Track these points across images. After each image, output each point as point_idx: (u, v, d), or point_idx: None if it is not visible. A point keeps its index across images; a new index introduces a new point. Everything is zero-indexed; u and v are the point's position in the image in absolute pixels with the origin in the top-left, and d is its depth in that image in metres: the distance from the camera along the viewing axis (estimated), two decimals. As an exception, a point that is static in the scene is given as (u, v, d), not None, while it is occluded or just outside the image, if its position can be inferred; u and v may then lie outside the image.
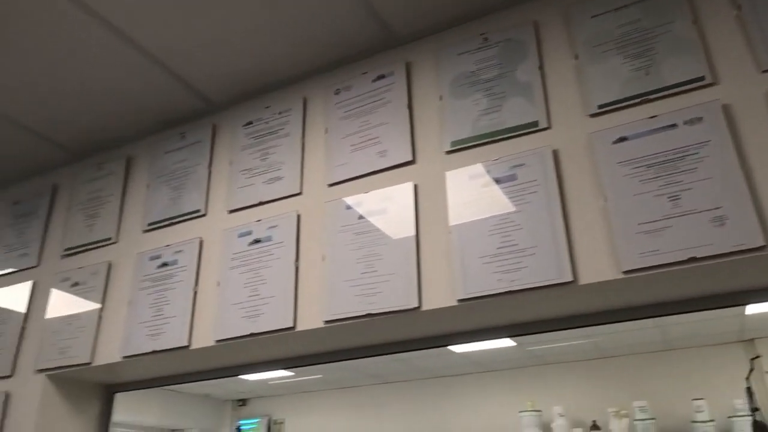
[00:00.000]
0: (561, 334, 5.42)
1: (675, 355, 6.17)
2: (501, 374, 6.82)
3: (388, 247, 1.76)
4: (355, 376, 7.21)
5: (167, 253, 2.20)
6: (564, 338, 5.64)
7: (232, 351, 2.02)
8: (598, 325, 1.75)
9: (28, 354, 2.40)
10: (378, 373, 7.15)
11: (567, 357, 6.48)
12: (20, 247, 2.67)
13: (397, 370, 6.96)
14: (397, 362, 6.63)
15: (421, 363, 6.73)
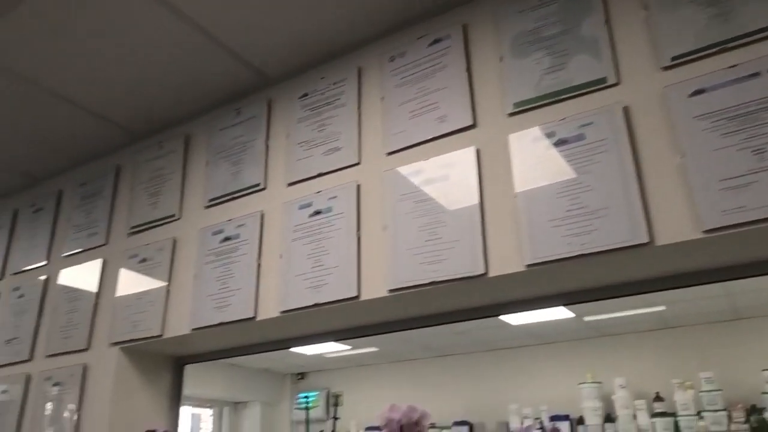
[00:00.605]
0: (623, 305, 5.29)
1: (743, 325, 5.93)
2: (559, 346, 6.72)
3: (452, 213, 1.72)
4: (411, 349, 7.25)
5: (229, 228, 2.23)
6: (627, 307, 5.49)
7: (296, 322, 2.04)
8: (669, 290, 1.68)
9: (102, 328, 2.49)
10: (434, 346, 7.17)
11: (627, 328, 6.33)
12: (89, 226, 2.76)
13: (454, 343, 6.96)
14: (454, 335, 6.63)
15: (478, 335, 6.70)
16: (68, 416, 2.43)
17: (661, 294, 5.08)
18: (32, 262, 2.94)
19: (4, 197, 3.29)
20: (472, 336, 6.73)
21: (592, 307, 5.52)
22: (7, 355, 2.80)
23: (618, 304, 5.33)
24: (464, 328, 6.42)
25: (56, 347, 2.62)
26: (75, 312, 2.62)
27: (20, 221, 3.13)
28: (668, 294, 5.08)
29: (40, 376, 2.61)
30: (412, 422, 1.73)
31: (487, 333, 6.61)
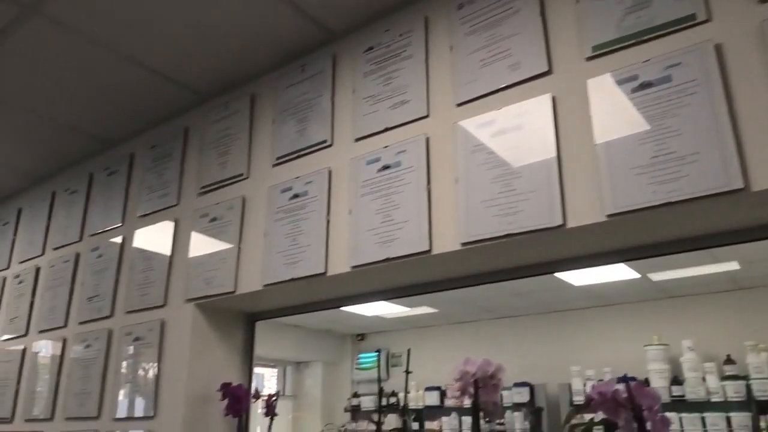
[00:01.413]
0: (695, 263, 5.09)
1: (824, 285, 5.64)
2: (623, 308, 6.58)
3: (526, 164, 1.67)
4: (470, 311, 7.25)
5: (298, 185, 2.24)
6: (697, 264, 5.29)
7: (367, 277, 2.05)
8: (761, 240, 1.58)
9: (177, 285, 2.57)
10: (494, 308, 7.14)
11: (697, 290, 6.12)
12: (161, 188, 2.83)
13: (514, 305, 6.91)
14: (514, 297, 6.58)
15: (539, 297, 6.62)
16: (149, 369, 2.55)
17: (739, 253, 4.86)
18: (108, 223, 3.05)
19: (80, 162, 3.42)
20: (533, 298, 6.65)
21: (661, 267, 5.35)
22: (90, 312, 2.94)
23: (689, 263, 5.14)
24: (525, 290, 6.36)
25: (134, 304, 2.73)
26: (151, 270, 2.72)
27: (95, 185, 3.25)
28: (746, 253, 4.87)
29: (120, 331, 2.74)
30: (488, 375, 1.72)
31: (548, 295, 6.52)
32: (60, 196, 3.47)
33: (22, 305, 3.41)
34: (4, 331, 3.47)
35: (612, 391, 1.45)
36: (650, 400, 1.41)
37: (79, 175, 3.37)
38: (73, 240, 3.23)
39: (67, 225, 3.31)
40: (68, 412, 2.84)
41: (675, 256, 3.18)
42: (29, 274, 3.44)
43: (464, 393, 1.74)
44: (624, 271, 5.54)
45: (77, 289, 3.09)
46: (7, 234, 3.79)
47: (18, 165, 3.52)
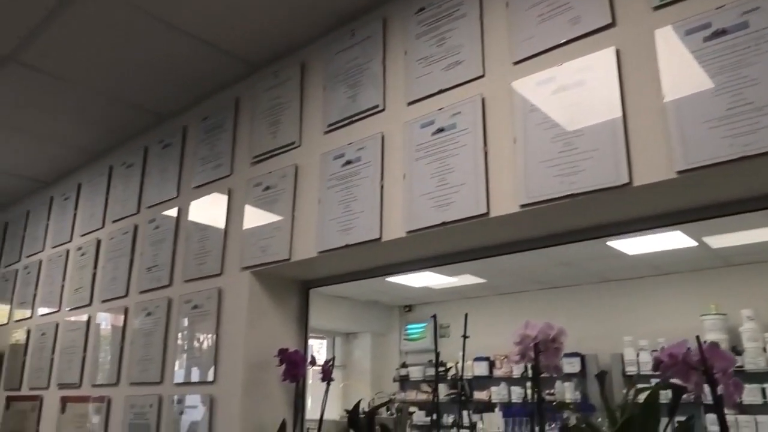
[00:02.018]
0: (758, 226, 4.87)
1: None
2: (679, 277, 6.41)
3: (589, 121, 1.61)
4: (519, 281, 7.18)
5: (350, 151, 2.23)
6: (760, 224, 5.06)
7: (422, 242, 2.04)
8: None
9: (233, 254, 2.62)
10: (543, 279, 7.05)
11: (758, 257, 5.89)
12: (214, 159, 2.87)
13: (565, 275, 6.80)
14: (564, 267, 6.47)
15: (590, 267, 6.50)
16: (207, 335, 2.61)
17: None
18: (164, 195, 3.12)
19: (135, 136, 3.49)
20: (584, 267, 6.54)
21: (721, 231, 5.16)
22: (149, 282, 3.03)
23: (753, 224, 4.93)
24: (576, 259, 6.25)
25: (192, 273, 2.79)
26: (207, 240, 2.77)
27: (150, 158, 3.32)
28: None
29: (180, 299, 2.81)
30: (549, 339, 1.69)
31: (600, 264, 6.39)
32: (117, 170, 3.56)
33: (85, 276, 3.54)
34: (70, 302, 3.61)
35: (683, 353, 1.41)
36: (724, 363, 1.36)
37: (134, 149, 3.44)
38: (131, 212, 3.32)
39: (125, 198, 3.40)
40: (132, 378, 2.95)
41: (737, 220, 3.05)
42: (91, 246, 3.56)
43: (524, 357, 1.71)
44: (680, 239, 5.37)
45: (137, 259, 3.18)
46: (69, 208, 3.93)
47: (77, 141, 3.63)
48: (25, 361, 3.87)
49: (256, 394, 2.42)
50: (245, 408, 2.38)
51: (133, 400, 2.89)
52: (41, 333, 3.79)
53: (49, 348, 3.66)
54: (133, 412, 2.87)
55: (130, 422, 2.87)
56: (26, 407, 3.71)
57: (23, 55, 2.70)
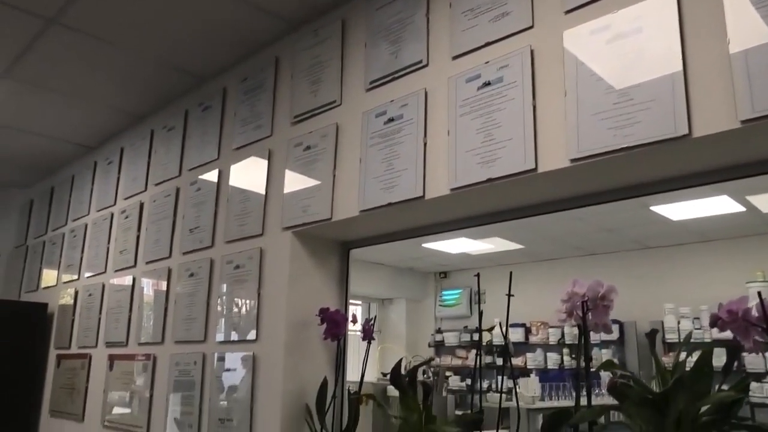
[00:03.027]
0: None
1: None
2: (724, 244, 6.25)
3: (647, 70, 1.54)
4: (558, 248, 7.09)
5: (392, 109, 2.19)
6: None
7: (466, 200, 2.00)
8: None
9: (274, 214, 2.63)
10: (583, 245, 6.95)
11: (810, 222, 5.69)
12: (254, 120, 2.86)
13: (605, 241, 6.69)
14: (605, 233, 6.36)
15: (632, 233, 6.37)
16: (250, 295, 2.64)
17: None
18: (205, 157, 3.14)
19: (175, 99, 3.51)
20: (625, 234, 6.41)
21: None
22: (192, 243, 3.07)
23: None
24: (617, 226, 6.13)
25: (234, 234, 2.81)
26: (248, 201, 2.78)
27: (191, 120, 3.34)
28: None
29: (222, 260, 2.84)
30: (598, 296, 1.65)
31: (641, 230, 6.26)
32: (158, 134, 3.60)
33: (129, 239, 3.61)
34: (115, 264, 3.70)
35: (744, 309, 1.36)
36: (789, 319, 1.30)
37: (175, 112, 3.46)
38: (173, 175, 3.35)
39: (167, 161, 3.44)
40: (176, 336, 3.02)
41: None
42: (134, 209, 3.63)
43: (570, 315, 1.68)
44: (727, 204, 5.21)
45: (179, 221, 3.23)
46: (112, 172, 3.99)
47: (119, 104, 3.67)
48: (74, 320, 4.00)
49: (297, 352, 2.45)
50: (287, 366, 2.41)
51: (177, 358, 2.96)
52: (88, 294, 3.90)
53: (96, 308, 3.77)
54: (177, 370, 2.95)
55: (175, 379, 2.94)
56: (76, 365, 3.85)
57: (66, 16, 2.71)
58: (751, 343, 1.39)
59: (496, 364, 7.57)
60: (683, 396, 1.36)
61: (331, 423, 2.35)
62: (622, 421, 1.49)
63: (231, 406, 2.58)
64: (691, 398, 1.36)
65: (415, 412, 2.07)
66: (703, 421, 1.36)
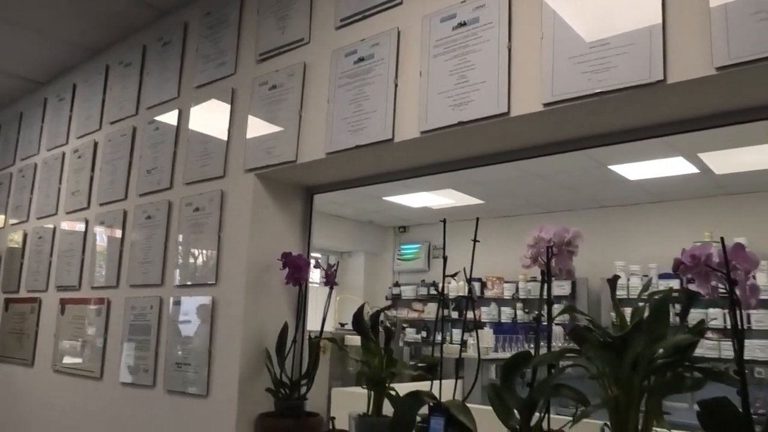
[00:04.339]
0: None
1: None
2: (677, 204, 6.43)
3: (624, 16, 1.52)
4: (518, 204, 7.18)
5: (363, 48, 2.12)
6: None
7: (437, 144, 1.97)
8: None
9: (236, 156, 2.55)
10: (542, 202, 7.06)
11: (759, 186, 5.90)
12: (217, 57, 2.75)
13: (563, 199, 6.81)
14: (564, 191, 6.46)
15: (590, 192, 6.49)
16: (210, 238, 2.58)
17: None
18: (164, 96, 3.01)
19: (133, 33, 3.33)
20: (584, 192, 6.53)
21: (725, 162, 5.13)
22: (149, 185, 2.97)
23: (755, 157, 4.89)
24: (577, 184, 6.23)
25: (194, 175, 2.73)
26: (209, 141, 2.69)
27: (149, 56, 3.18)
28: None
29: (181, 202, 2.76)
30: (564, 242, 1.66)
31: (600, 189, 6.38)
32: (114, 70, 3.42)
33: (82, 179, 3.47)
34: (67, 205, 3.56)
35: (707, 254, 1.38)
36: (749, 264, 1.34)
37: (132, 47, 3.29)
38: (130, 114, 3.21)
39: (123, 99, 3.29)
40: (132, 280, 2.94)
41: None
42: (87, 148, 3.48)
43: (535, 261, 1.69)
44: (683, 166, 5.35)
45: (135, 162, 3.11)
46: (64, 110, 3.80)
47: (71, 37, 3.46)
48: (23, 264, 3.86)
49: (258, 296, 2.42)
50: (247, 310, 2.39)
51: (133, 302, 2.90)
52: (38, 236, 3.76)
53: (47, 252, 3.64)
54: (133, 314, 2.89)
55: (131, 323, 2.89)
56: (25, 309, 3.73)
57: (12, -66, 2.52)
58: (709, 289, 1.43)
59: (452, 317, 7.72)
60: (641, 339, 1.38)
61: (290, 367, 2.34)
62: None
63: (189, 351, 2.55)
64: (649, 341, 1.39)
65: (376, 356, 2.09)
66: (659, 363, 1.39)
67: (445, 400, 1.74)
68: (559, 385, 1.53)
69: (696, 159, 5.11)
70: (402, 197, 7.20)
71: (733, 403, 1.24)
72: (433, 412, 1.73)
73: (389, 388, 2.02)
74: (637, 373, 1.35)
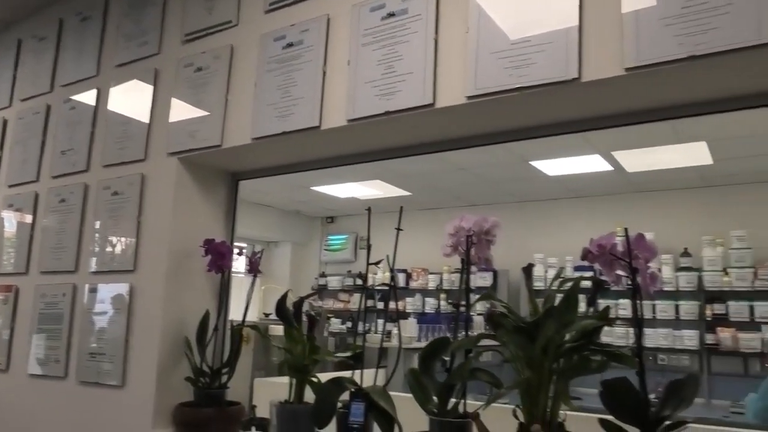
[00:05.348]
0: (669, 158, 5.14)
1: (786, 187, 5.83)
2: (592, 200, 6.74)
3: (544, 15, 1.59)
4: (443, 197, 7.33)
5: (292, 33, 2.11)
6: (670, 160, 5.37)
7: (364, 133, 1.99)
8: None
9: (158, 139, 2.47)
10: (465, 196, 7.23)
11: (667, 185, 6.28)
12: (140, 35, 2.65)
13: (486, 193, 7.01)
14: (486, 185, 6.65)
15: (511, 187, 6.71)
16: (128, 223, 2.50)
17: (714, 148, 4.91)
18: (82, 73, 2.87)
19: (48, 6, 3.15)
20: (505, 187, 6.75)
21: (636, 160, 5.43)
22: (64, 166, 2.83)
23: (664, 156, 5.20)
24: (498, 179, 6.43)
25: (112, 158, 2.63)
26: (129, 123, 2.60)
27: (66, 32, 3.02)
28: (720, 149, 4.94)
29: (98, 185, 2.65)
30: (483, 231, 1.72)
31: (521, 184, 6.61)
32: (27, 44, 3.23)
33: (-12, 159, 3.26)
34: (-29, 185, 3.34)
35: (611, 244, 1.48)
36: (648, 253, 1.44)
37: (47, 21, 3.12)
38: (44, 91, 3.04)
39: (37, 75, 3.11)
40: (44, 266, 2.81)
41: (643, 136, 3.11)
42: (-5, 126, 3.27)
43: (456, 250, 1.75)
44: (598, 163, 5.62)
45: (49, 142, 2.95)
46: (-31, 84, 3.55)
47: (-24, 6, 3.24)
48: None
49: (178, 284, 2.37)
50: (167, 298, 2.33)
51: (44, 290, 2.76)
52: (-63, 218, 3.51)
53: (-54, 234, 3.40)
54: (43, 302, 2.75)
55: (41, 312, 2.75)
56: None
57: None
58: (614, 277, 1.53)
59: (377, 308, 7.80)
60: (552, 324, 1.46)
61: (212, 356, 2.31)
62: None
63: (104, 340, 2.46)
64: (559, 326, 1.46)
65: (299, 343, 2.09)
66: (567, 347, 1.47)
67: (366, 386, 1.77)
68: (475, 370, 1.59)
69: (610, 157, 5.38)
70: (330, 187, 7.19)
71: (632, 383, 1.33)
72: (354, 397, 1.76)
73: (312, 376, 2.03)
74: (547, 356, 1.42)
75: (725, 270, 5.94)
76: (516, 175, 6.17)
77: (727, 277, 5.92)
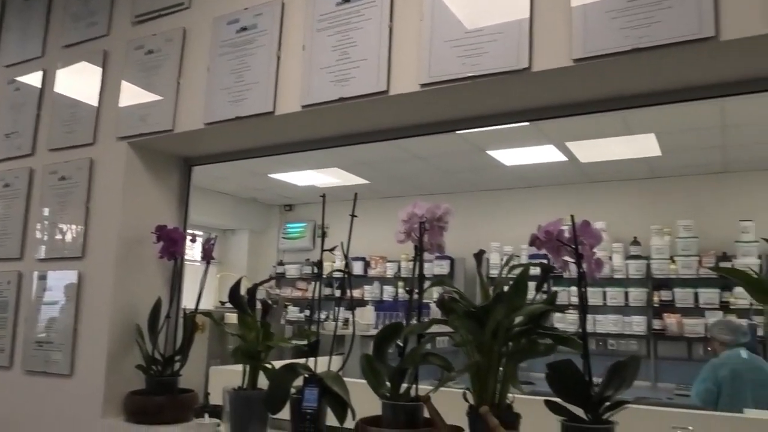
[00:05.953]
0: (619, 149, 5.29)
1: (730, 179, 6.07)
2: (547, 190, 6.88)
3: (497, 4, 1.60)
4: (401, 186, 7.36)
5: (246, 17, 2.08)
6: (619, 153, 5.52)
7: (318, 119, 1.98)
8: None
9: (107, 122, 2.41)
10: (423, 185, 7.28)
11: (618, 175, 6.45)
12: (88, 16, 2.56)
13: (443, 183, 7.07)
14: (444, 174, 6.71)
15: (469, 176, 6.79)
16: (76, 209, 2.43)
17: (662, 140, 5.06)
18: (27, 54, 2.76)
19: (-12, -18, 3.03)
20: (463, 177, 6.82)
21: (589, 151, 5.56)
22: (7, 150, 2.73)
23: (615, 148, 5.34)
24: (456, 168, 6.49)
25: (59, 141, 2.55)
26: (77, 106, 2.52)
27: (9, 10, 2.90)
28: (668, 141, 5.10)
29: (44, 170, 2.57)
30: (435, 217, 1.74)
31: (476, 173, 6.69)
32: (-35, 21, 3.09)
33: (-74, 141, 3.12)
34: None
35: (558, 230, 1.52)
36: (593, 239, 1.48)
37: (-12, -2, 2.99)
38: (-16, 71, 2.93)
39: (-24, 54, 2.98)
40: (-14, 255, 2.71)
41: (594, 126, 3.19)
42: (-67, 107, 3.12)
43: (409, 236, 1.76)
44: (553, 153, 5.73)
45: (-9, 124, 2.84)
46: None
47: None
48: None
49: (129, 271, 2.33)
50: (117, 285, 2.29)
51: (-13, 278, 2.67)
52: None
53: None
54: (-13, 291, 2.66)
55: (-16, 300, 2.66)
56: None
57: None
58: (561, 262, 1.57)
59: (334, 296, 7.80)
60: (501, 309, 1.49)
61: (164, 344, 2.28)
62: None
63: (51, 328, 2.40)
64: (508, 311, 1.50)
65: (253, 330, 2.08)
66: (516, 330, 1.51)
67: (320, 372, 1.77)
68: (428, 354, 1.62)
69: (564, 147, 5.49)
70: (288, 175, 7.14)
71: (576, 365, 1.38)
72: (308, 383, 1.77)
73: (265, 362, 2.02)
74: (497, 340, 1.45)
75: (672, 258, 6.16)
76: (474, 164, 6.24)
77: (673, 265, 6.13)
